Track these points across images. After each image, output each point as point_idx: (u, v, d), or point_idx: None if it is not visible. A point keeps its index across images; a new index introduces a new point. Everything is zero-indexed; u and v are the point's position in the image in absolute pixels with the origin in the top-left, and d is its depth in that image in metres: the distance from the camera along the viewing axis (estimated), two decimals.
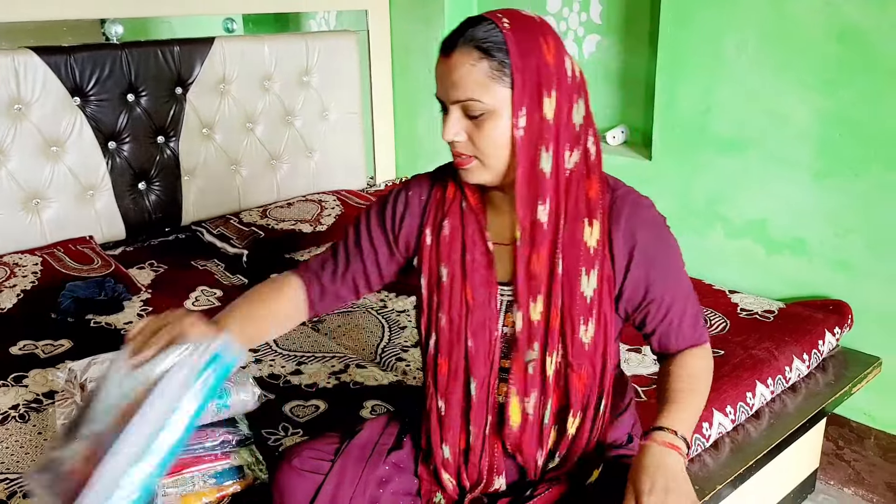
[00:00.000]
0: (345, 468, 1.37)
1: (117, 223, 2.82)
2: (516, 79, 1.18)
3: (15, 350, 2.11)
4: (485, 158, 1.24)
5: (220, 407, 1.51)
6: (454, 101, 1.21)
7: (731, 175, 2.54)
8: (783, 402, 2.05)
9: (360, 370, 1.99)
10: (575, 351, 1.28)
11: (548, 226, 1.25)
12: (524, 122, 1.20)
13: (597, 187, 1.27)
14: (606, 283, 1.28)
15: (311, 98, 3.23)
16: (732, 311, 2.32)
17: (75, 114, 2.65)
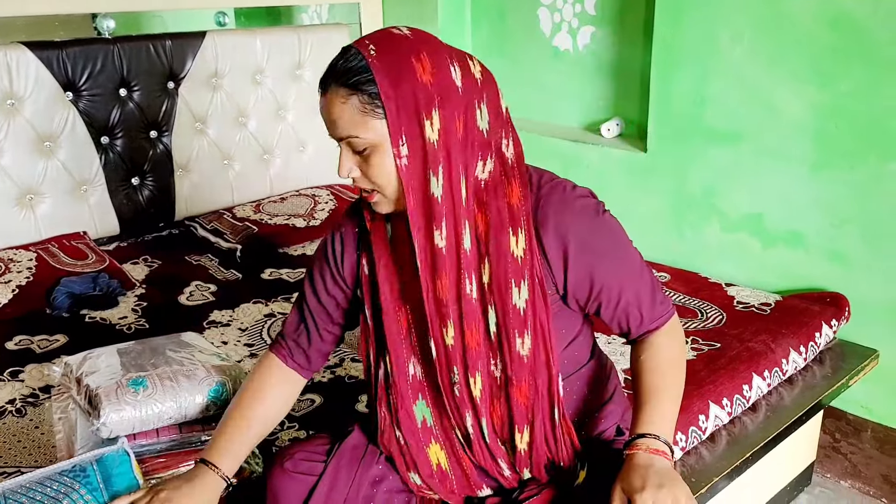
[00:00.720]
0: (338, 469, 1.37)
1: (111, 218, 2.83)
2: (389, 109, 1.14)
3: (10, 345, 2.12)
4: (383, 190, 1.21)
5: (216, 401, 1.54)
6: (339, 137, 1.20)
7: (726, 168, 2.54)
8: (780, 395, 2.05)
9: (354, 364, 2.00)
10: (514, 365, 1.26)
11: (447, 250, 1.21)
12: (406, 151, 1.16)
13: (518, 192, 1.23)
14: (540, 291, 1.25)
15: (304, 92, 3.23)
16: (729, 303, 2.33)
17: (68, 109, 2.65)
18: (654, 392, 1.28)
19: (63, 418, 1.62)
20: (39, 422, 1.76)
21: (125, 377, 1.53)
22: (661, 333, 1.34)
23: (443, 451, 1.35)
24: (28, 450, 1.67)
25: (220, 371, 1.59)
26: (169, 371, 1.56)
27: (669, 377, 1.30)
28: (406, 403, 1.34)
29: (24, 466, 1.61)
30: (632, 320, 1.32)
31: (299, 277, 2.55)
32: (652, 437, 1.22)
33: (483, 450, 1.32)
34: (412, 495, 1.41)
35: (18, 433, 1.72)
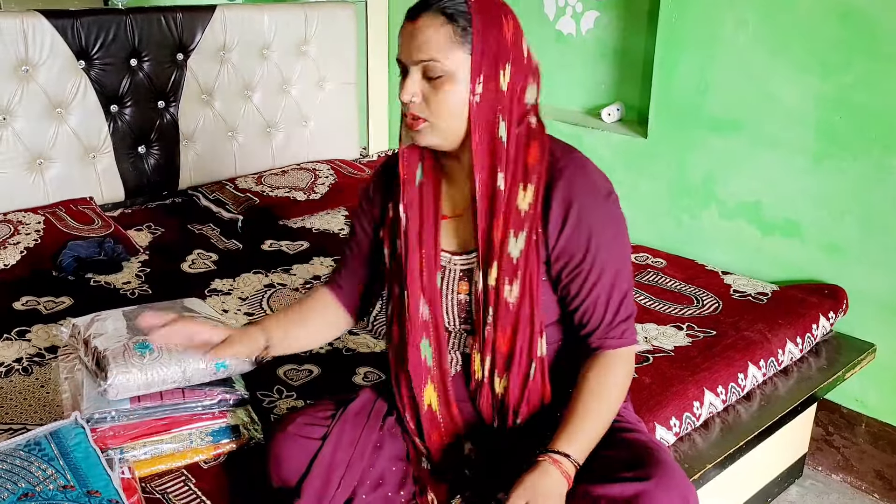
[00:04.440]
0: (343, 432, 1.43)
1: (117, 185, 2.89)
2: (476, 46, 1.25)
3: (18, 305, 2.19)
4: (436, 121, 1.29)
5: (218, 367, 1.58)
6: (416, 61, 1.28)
7: (726, 155, 2.55)
8: (775, 385, 2.07)
9: (352, 337, 2.06)
10: (500, 311, 1.33)
11: (505, 193, 1.30)
12: (481, 90, 1.26)
13: (536, 154, 1.32)
14: (535, 247, 1.32)
15: (308, 67, 3.28)
16: (725, 292, 2.35)
17: (80, 76, 2.71)
18: (589, 416, 1.32)
19: (69, 378, 1.67)
20: (45, 381, 1.84)
21: (132, 340, 1.57)
22: (618, 357, 1.37)
23: (435, 394, 1.42)
24: (34, 408, 1.75)
25: None
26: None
27: (607, 406, 1.35)
28: (416, 338, 1.41)
29: (29, 424, 1.68)
30: (595, 317, 1.35)
31: (299, 250, 2.62)
32: (564, 455, 1.28)
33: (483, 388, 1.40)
34: (409, 465, 1.47)
35: (25, 391, 1.80)
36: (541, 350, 1.37)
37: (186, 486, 1.53)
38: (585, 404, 1.33)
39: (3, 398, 1.77)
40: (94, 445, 1.41)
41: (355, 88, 3.47)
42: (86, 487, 1.30)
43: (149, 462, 1.56)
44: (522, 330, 1.35)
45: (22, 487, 1.27)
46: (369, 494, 1.43)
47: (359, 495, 1.42)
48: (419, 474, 1.47)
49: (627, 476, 1.25)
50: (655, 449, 1.34)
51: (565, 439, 1.30)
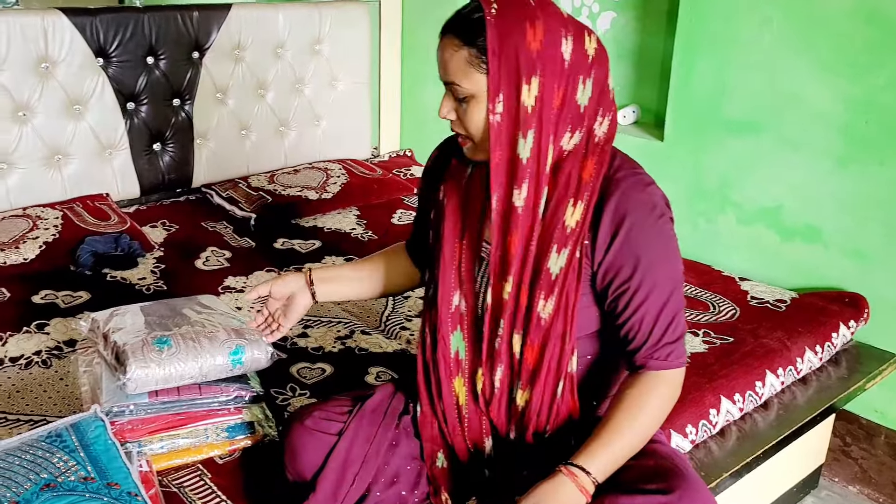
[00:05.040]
0: (359, 428, 1.44)
1: (132, 182, 2.93)
2: (491, 66, 1.23)
3: (37, 299, 2.23)
4: (474, 139, 1.31)
5: (234, 363, 1.61)
6: (444, 82, 1.31)
7: (745, 159, 2.50)
8: (793, 394, 2.04)
9: (365, 336, 2.08)
10: (530, 325, 1.31)
11: (523, 210, 1.28)
12: (501, 109, 1.25)
13: (592, 169, 1.28)
14: (577, 265, 1.29)
15: (321, 66, 3.31)
16: (742, 298, 2.31)
17: (98, 74, 2.75)
18: (619, 435, 1.29)
19: (88, 371, 1.71)
20: (64, 374, 1.87)
21: (150, 335, 1.59)
22: (660, 380, 1.33)
23: (464, 388, 1.42)
24: (53, 400, 1.78)
25: (240, 334, 1.66)
26: (191, 332, 1.63)
27: (640, 427, 1.31)
28: (444, 330, 1.41)
29: (49, 415, 1.72)
30: (640, 335, 1.31)
31: (311, 248, 2.66)
32: (586, 473, 1.25)
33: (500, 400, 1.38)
34: (423, 465, 1.47)
35: (44, 383, 1.84)
36: (571, 367, 1.34)
37: (202, 480, 1.56)
38: (618, 422, 1.30)
39: (24, 390, 1.81)
40: (113, 438, 1.44)
41: (367, 88, 3.49)
42: (106, 479, 1.33)
43: (165, 456, 1.59)
44: (552, 346, 1.32)
45: (44, 478, 1.31)
46: (383, 492, 1.43)
47: (373, 492, 1.42)
48: (434, 474, 1.46)
49: (651, 488, 1.24)
50: (678, 461, 1.33)
51: (589, 454, 1.28)
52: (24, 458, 1.34)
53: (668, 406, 1.35)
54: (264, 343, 1.66)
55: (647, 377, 1.33)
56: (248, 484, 1.56)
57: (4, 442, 1.39)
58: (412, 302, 2.31)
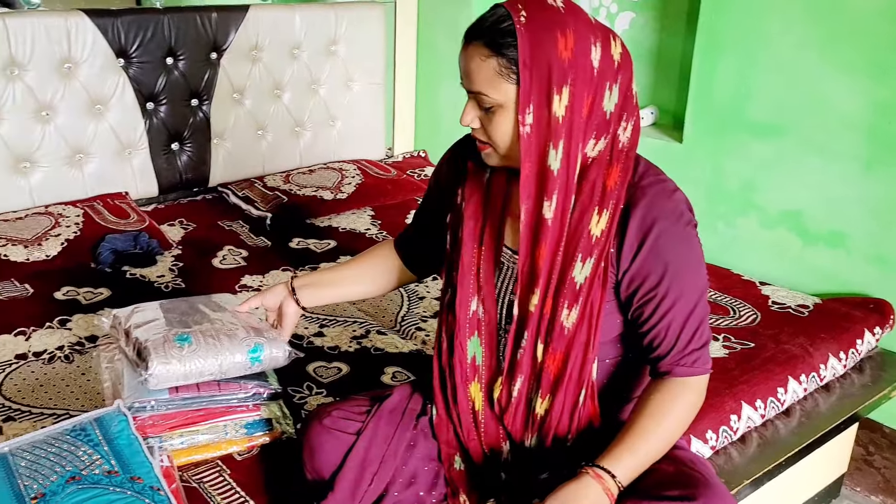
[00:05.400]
0: (377, 428, 1.44)
1: (151, 181, 2.97)
2: (523, 77, 1.19)
3: (59, 295, 2.27)
4: (496, 147, 1.28)
5: (253, 360, 1.62)
6: (468, 90, 1.27)
7: (767, 162, 2.47)
8: (815, 401, 2.02)
9: (380, 337, 2.11)
10: (553, 334, 1.30)
11: (552, 222, 1.26)
12: (531, 120, 1.21)
13: (617, 176, 1.26)
14: (602, 274, 1.28)
15: (337, 67, 3.34)
16: (763, 303, 2.29)
17: (119, 74, 2.79)
18: (644, 439, 1.28)
19: (109, 367, 1.73)
20: (86, 369, 1.91)
21: (171, 332, 1.61)
22: (686, 386, 1.32)
23: (480, 393, 1.41)
24: (75, 394, 1.82)
25: (259, 332, 1.66)
26: (211, 329, 1.64)
27: (665, 432, 1.30)
28: (461, 335, 1.40)
29: (71, 410, 1.76)
30: (666, 343, 1.30)
31: (326, 248, 2.69)
32: (612, 476, 1.25)
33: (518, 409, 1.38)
34: (439, 463, 1.48)
35: (66, 378, 1.88)
36: (592, 374, 1.34)
37: (221, 476, 1.59)
38: (643, 427, 1.29)
39: (47, 384, 1.85)
40: (135, 433, 1.48)
41: (382, 89, 3.52)
42: (129, 473, 1.37)
43: (185, 451, 1.62)
44: (575, 355, 1.31)
45: (69, 471, 1.34)
46: (401, 492, 1.44)
47: (391, 492, 1.43)
48: (451, 476, 1.46)
49: (673, 495, 1.23)
50: (701, 467, 1.33)
51: (615, 457, 1.27)
52: (49, 450, 1.38)
53: (693, 412, 1.34)
54: (283, 341, 1.68)
55: (672, 383, 1.32)
56: (266, 480, 1.58)
57: (31, 435, 1.43)
58: (427, 303, 2.33)
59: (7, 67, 2.56)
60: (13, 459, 1.35)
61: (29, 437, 1.42)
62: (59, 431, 1.44)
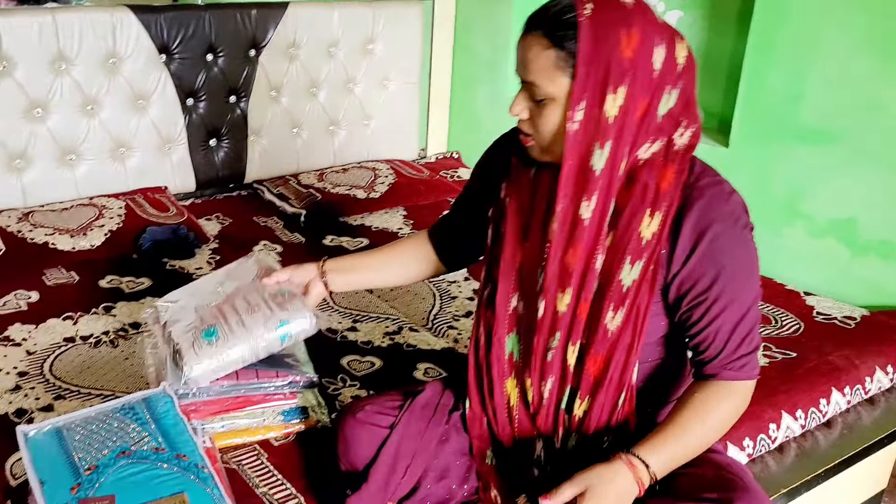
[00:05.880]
0: (410, 422, 1.46)
1: (189, 176, 3.03)
2: (579, 72, 1.17)
3: (103, 283, 2.34)
4: (542, 141, 1.27)
5: (283, 338, 1.60)
6: (523, 80, 1.26)
7: (818, 168, 2.41)
8: (858, 415, 1.99)
9: (413, 333, 2.13)
10: (596, 336, 1.29)
11: (590, 222, 1.24)
12: (580, 117, 1.20)
13: (671, 178, 1.24)
14: (651, 277, 1.26)
15: (373, 66, 3.35)
16: (807, 314, 2.26)
17: (161, 70, 2.84)
18: (683, 433, 1.28)
19: (153, 353, 1.77)
20: (130, 354, 1.97)
21: (200, 329, 1.60)
22: (731, 390, 1.30)
23: (516, 389, 1.40)
24: (120, 377, 1.88)
25: (281, 306, 1.61)
26: (235, 314, 1.61)
27: (705, 431, 1.29)
28: (500, 331, 1.40)
29: (118, 391, 1.82)
30: (714, 346, 1.28)
31: (359, 246, 2.72)
32: (645, 466, 1.24)
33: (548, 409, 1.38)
34: (472, 461, 1.49)
35: (112, 362, 1.94)
36: (633, 378, 1.34)
37: (259, 459, 1.64)
38: (684, 422, 1.28)
39: (94, 366, 1.92)
40: (181, 414, 1.53)
41: (418, 89, 3.53)
42: (175, 451, 1.41)
43: (225, 435, 1.68)
44: (617, 358, 1.30)
45: (120, 446, 1.39)
46: (433, 485, 1.46)
47: (423, 485, 1.45)
48: (483, 471, 1.47)
49: (711, 497, 1.23)
50: (738, 470, 1.33)
51: (650, 447, 1.27)
52: (101, 426, 1.43)
53: (736, 416, 1.32)
54: (307, 311, 1.60)
55: (718, 385, 1.30)
56: (302, 465, 1.63)
57: (84, 411, 1.49)
58: (459, 302, 2.36)
59: (56, 62, 2.62)
60: (68, 433, 1.41)
61: (82, 413, 1.48)
62: (109, 409, 1.49)
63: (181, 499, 1.32)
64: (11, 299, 2.21)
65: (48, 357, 1.95)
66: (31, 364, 1.92)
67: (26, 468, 1.35)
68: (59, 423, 1.44)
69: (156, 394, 1.56)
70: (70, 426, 1.43)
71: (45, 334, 2.05)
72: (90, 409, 1.50)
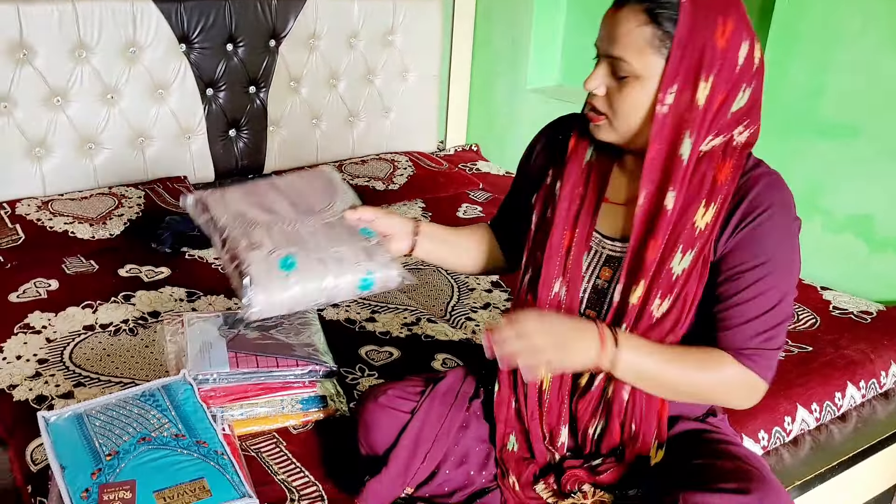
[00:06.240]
0: (431, 408, 1.46)
1: (208, 166, 3.03)
2: (674, 54, 1.15)
3: (122, 272, 2.34)
4: (615, 120, 1.24)
5: (363, 286, 1.41)
6: (606, 54, 1.21)
7: (838, 164, 2.40)
8: (873, 408, 2.00)
9: (430, 324, 2.13)
10: (642, 322, 1.28)
11: (671, 213, 1.22)
12: (671, 101, 1.18)
13: (728, 171, 1.23)
14: (701, 267, 1.25)
15: (393, 58, 3.35)
16: (824, 308, 2.27)
17: (181, 60, 2.84)
18: (666, 361, 1.26)
19: (173, 341, 1.80)
20: (150, 342, 1.97)
21: (275, 254, 1.36)
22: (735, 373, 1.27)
23: (549, 376, 1.38)
24: (140, 365, 1.88)
25: (370, 256, 1.42)
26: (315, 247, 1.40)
27: (683, 377, 1.28)
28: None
29: (137, 379, 1.82)
30: (734, 326, 1.26)
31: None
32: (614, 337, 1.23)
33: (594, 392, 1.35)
34: (491, 445, 1.49)
35: (132, 349, 1.93)
36: None
37: (278, 447, 1.63)
38: (676, 355, 1.27)
39: (114, 354, 1.91)
40: (200, 401, 1.52)
41: (437, 81, 3.52)
42: (195, 437, 1.41)
43: (244, 422, 1.67)
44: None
45: (140, 432, 1.39)
46: (452, 471, 1.46)
47: (442, 471, 1.46)
48: (503, 457, 1.47)
49: (728, 487, 1.22)
50: (756, 462, 1.32)
51: (632, 338, 1.26)
52: (121, 412, 1.43)
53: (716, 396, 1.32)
54: (396, 268, 1.43)
55: (727, 359, 1.28)
56: (320, 454, 1.63)
57: (104, 398, 1.49)
58: (477, 294, 2.35)
59: (76, 50, 2.62)
60: (88, 419, 1.41)
61: (102, 399, 1.48)
62: (129, 396, 1.49)
63: (201, 484, 1.32)
64: (31, 287, 2.21)
65: (68, 345, 1.95)
66: (51, 351, 1.92)
67: (47, 453, 1.35)
68: (79, 410, 1.45)
69: (175, 381, 1.56)
70: (90, 412, 1.43)
71: (64, 322, 2.05)
72: (110, 395, 1.50)
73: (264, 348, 1.74)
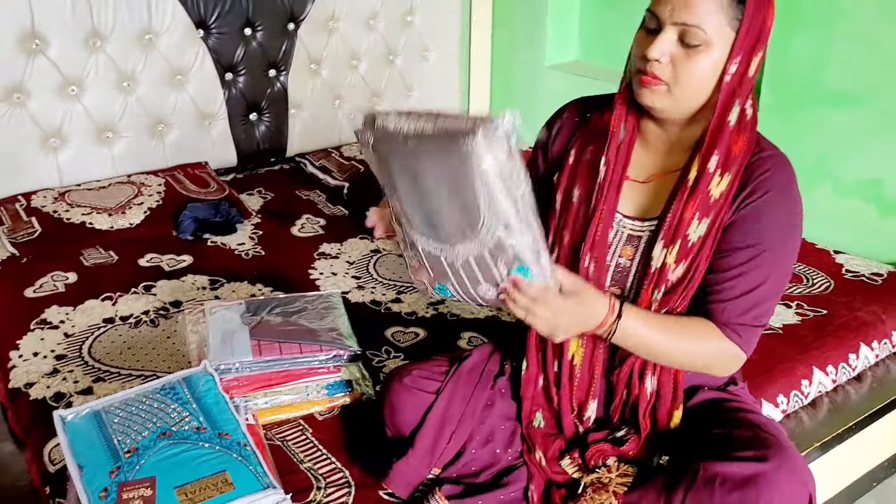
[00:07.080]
0: (456, 388, 1.47)
1: (230, 151, 3.00)
2: (745, 25, 1.21)
3: (143, 262, 2.31)
4: (676, 88, 1.25)
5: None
6: (677, 22, 1.21)
7: (845, 131, 2.45)
8: (887, 368, 2.03)
9: (456, 303, 2.10)
10: (662, 288, 1.31)
11: (711, 175, 1.26)
12: (734, 70, 1.23)
13: (742, 145, 1.27)
14: (714, 235, 1.28)
15: (413, 38, 3.31)
16: (837, 271, 2.30)
17: (199, 45, 2.80)
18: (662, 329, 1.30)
19: (195, 331, 1.77)
20: (171, 333, 1.94)
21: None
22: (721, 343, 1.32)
23: (581, 349, 1.40)
24: (161, 356, 1.85)
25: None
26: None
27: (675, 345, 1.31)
28: None
29: (158, 371, 1.79)
30: (724, 299, 1.30)
31: None
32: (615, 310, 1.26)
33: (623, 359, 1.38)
34: (517, 423, 1.49)
35: (153, 341, 1.91)
36: None
37: (304, 435, 1.61)
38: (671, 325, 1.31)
39: (134, 347, 1.89)
40: (222, 392, 1.49)
41: (458, 60, 3.48)
42: (217, 430, 1.38)
43: (269, 411, 1.65)
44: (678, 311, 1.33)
45: (160, 427, 1.36)
46: (478, 450, 1.46)
47: (468, 450, 1.46)
48: (529, 433, 1.47)
49: (746, 455, 1.24)
50: (774, 429, 1.33)
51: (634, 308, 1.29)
52: (140, 408, 1.40)
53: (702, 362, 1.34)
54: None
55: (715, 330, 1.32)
56: (347, 439, 1.60)
57: (122, 393, 1.46)
58: None
59: (90, 38, 2.59)
60: (106, 416, 1.38)
61: (121, 395, 1.45)
62: (149, 390, 1.46)
63: (223, 478, 1.28)
64: (48, 281, 2.19)
65: (87, 339, 1.92)
66: (70, 347, 1.89)
67: (64, 453, 1.33)
68: (97, 406, 1.42)
69: (196, 373, 1.52)
70: (109, 409, 1.40)
71: (83, 316, 2.02)
72: (129, 390, 1.47)
73: (288, 334, 1.72)
